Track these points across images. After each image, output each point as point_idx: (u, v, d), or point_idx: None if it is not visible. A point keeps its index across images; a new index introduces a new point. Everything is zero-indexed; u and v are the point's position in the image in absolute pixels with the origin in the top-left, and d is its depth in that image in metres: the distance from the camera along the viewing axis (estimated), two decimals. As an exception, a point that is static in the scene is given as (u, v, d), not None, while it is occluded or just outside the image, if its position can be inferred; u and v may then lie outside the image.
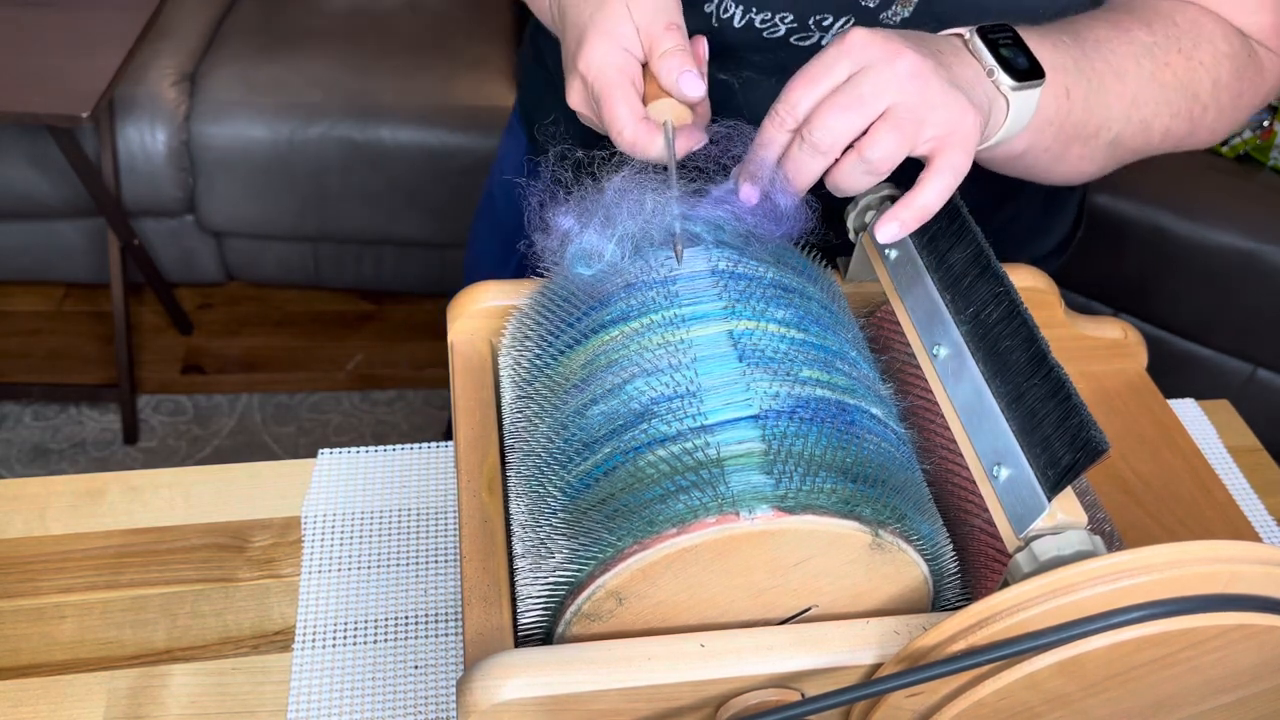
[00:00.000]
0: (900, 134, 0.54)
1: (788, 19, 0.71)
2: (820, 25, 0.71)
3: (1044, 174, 0.70)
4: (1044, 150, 0.66)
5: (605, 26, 0.61)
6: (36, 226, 2.10)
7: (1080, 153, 0.68)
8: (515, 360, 0.61)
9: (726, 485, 0.48)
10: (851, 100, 0.55)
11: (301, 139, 2.02)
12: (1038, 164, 0.68)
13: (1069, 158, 0.68)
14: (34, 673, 0.66)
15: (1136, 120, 0.68)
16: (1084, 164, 0.70)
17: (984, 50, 0.60)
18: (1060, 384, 0.49)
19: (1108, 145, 0.69)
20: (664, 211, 0.58)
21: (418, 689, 0.66)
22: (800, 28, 0.72)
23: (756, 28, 0.72)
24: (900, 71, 0.55)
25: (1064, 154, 0.68)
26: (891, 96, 0.54)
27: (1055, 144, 0.66)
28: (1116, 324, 0.75)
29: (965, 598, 0.55)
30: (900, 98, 0.55)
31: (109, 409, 2.07)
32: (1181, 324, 1.85)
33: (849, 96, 0.55)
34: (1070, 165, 0.69)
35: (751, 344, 0.54)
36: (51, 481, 0.77)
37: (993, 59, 0.59)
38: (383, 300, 2.32)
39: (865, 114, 0.55)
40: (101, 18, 1.82)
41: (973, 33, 0.60)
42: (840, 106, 0.55)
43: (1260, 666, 0.47)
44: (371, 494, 0.77)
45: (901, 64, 0.55)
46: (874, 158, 0.55)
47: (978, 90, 0.58)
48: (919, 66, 0.55)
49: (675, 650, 0.48)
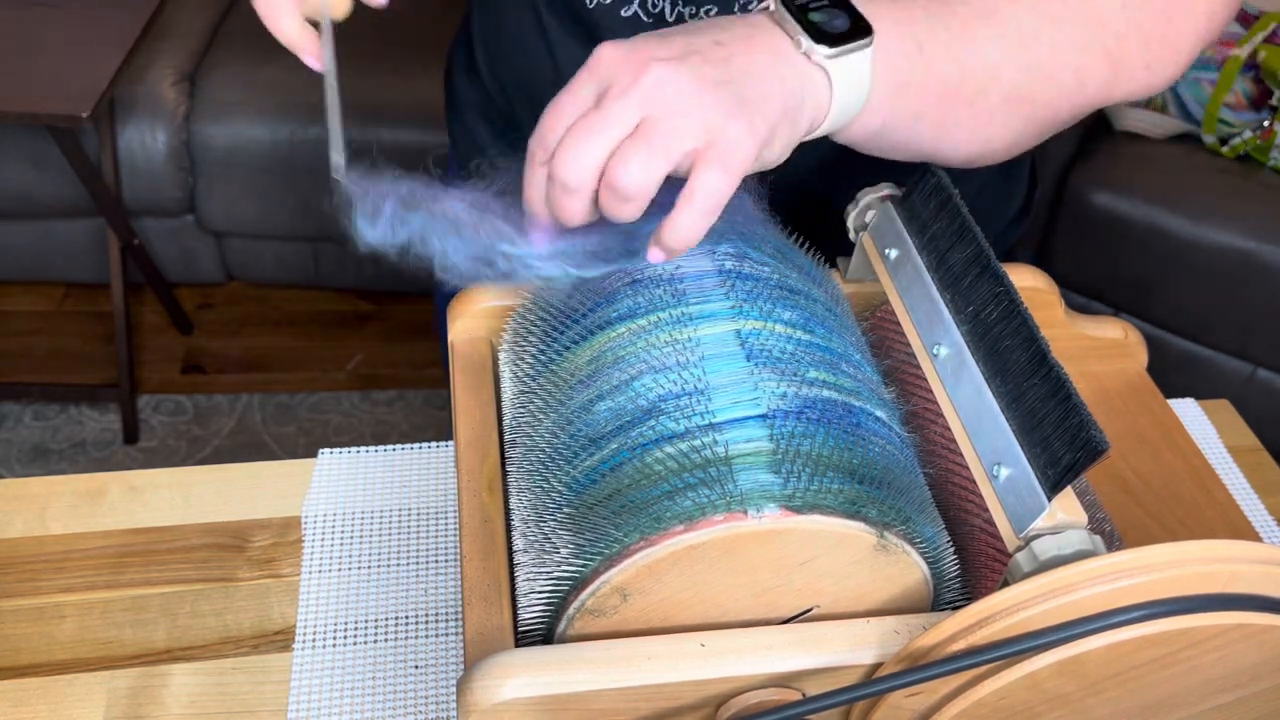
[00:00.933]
0: (649, 150, 0.48)
1: (713, 11, 0.67)
2: (745, 10, 0.66)
3: (934, 150, 0.60)
4: (915, 119, 0.57)
5: None
6: (36, 226, 2.10)
7: (971, 116, 0.58)
8: (517, 356, 0.61)
9: (735, 483, 0.48)
10: (592, 125, 0.48)
11: (301, 139, 2.02)
12: (916, 138, 0.58)
13: (958, 125, 0.58)
14: (34, 673, 0.66)
15: (1030, 65, 0.57)
16: (986, 129, 0.59)
17: (788, 18, 0.52)
18: (1060, 384, 0.49)
19: (1006, 102, 0.58)
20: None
21: (418, 689, 0.66)
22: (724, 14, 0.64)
23: (686, 21, 0.68)
24: (647, 82, 0.48)
25: (946, 121, 0.58)
26: (639, 110, 0.48)
27: (927, 109, 0.57)
28: (1116, 324, 0.75)
29: (965, 597, 0.55)
30: (647, 110, 0.48)
31: (109, 409, 2.07)
32: (1181, 324, 1.85)
33: (590, 122, 0.48)
34: (966, 134, 0.59)
35: (759, 344, 0.54)
36: (51, 481, 0.77)
37: (798, 26, 0.51)
38: (383, 300, 2.32)
39: (609, 137, 0.48)
40: (101, 18, 1.82)
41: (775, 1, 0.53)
42: (580, 133, 0.48)
43: (1260, 666, 0.47)
44: (371, 494, 0.77)
45: (649, 75, 0.48)
46: (621, 183, 0.48)
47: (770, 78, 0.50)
48: (668, 73, 0.48)
49: (675, 650, 0.48)
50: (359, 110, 2.16)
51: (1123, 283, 1.89)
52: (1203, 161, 1.88)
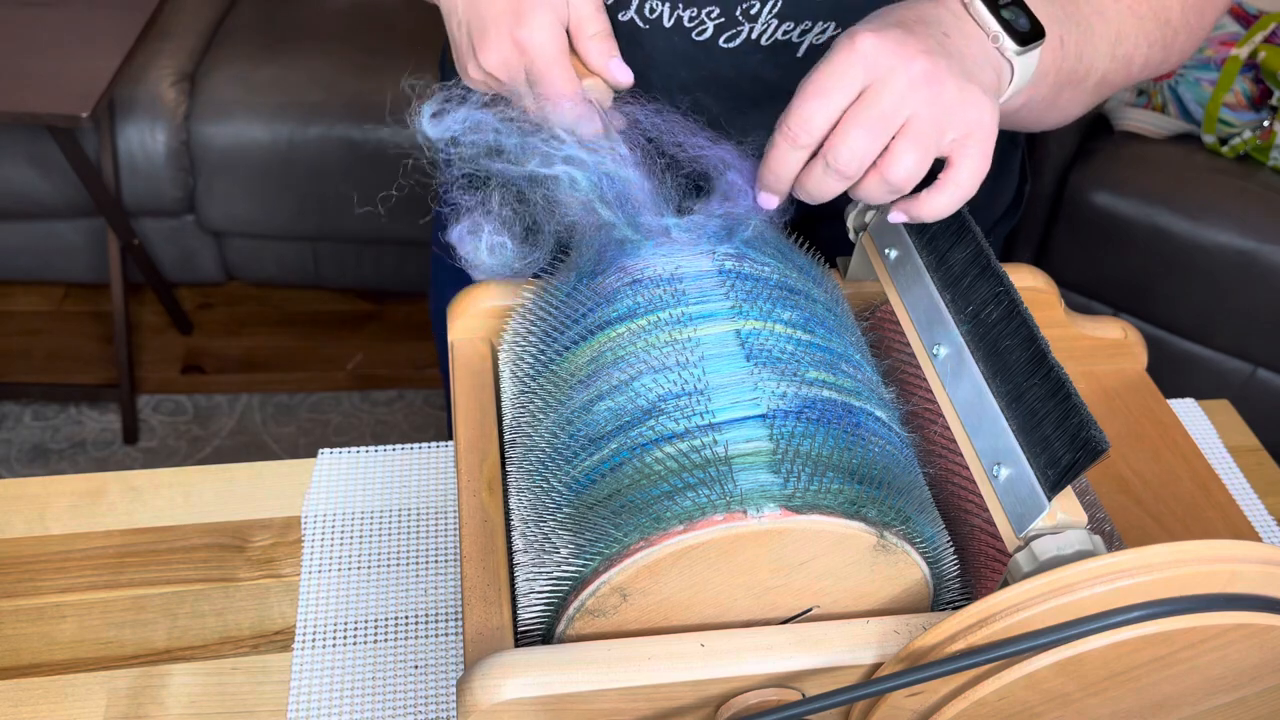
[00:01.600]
0: (921, 149, 0.54)
1: (714, 14, 0.69)
2: (748, 14, 0.69)
3: (1034, 123, 0.69)
4: (1040, 101, 0.65)
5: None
6: (36, 226, 2.10)
7: (1070, 97, 0.67)
8: (518, 356, 0.61)
9: (734, 483, 0.48)
10: (872, 120, 0.53)
11: (301, 139, 2.02)
12: (1031, 116, 0.67)
13: (1060, 104, 0.67)
14: (34, 673, 0.66)
15: (1120, 57, 0.67)
16: (1072, 108, 0.69)
17: (987, 16, 0.58)
18: (1060, 384, 0.49)
19: (1095, 86, 0.67)
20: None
21: (418, 689, 0.66)
22: (728, 22, 0.69)
23: (685, 27, 0.70)
24: (916, 78, 0.53)
25: (1055, 101, 0.66)
26: (910, 108, 0.53)
27: (1050, 94, 0.65)
28: (1116, 324, 0.75)
29: (965, 597, 0.55)
30: (917, 108, 0.53)
31: (109, 409, 2.07)
32: (1181, 324, 1.85)
33: (868, 116, 0.54)
34: (1060, 111, 0.68)
35: (759, 344, 0.54)
36: (51, 481, 0.77)
37: (996, 24, 0.57)
38: (383, 300, 2.32)
39: (885, 132, 0.54)
40: (101, 18, 1.82)
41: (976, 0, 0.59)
42: (860, 127, 0.54)
43: (1260, 666, 0.47)
44: (371, 494, 0.77)
45: (916, 68, 0.53)
46: (896, 178, 0.54)
47: (986, 66, 0.57)
48: (933, 69, 0.53)
49: (675, 650, 0.48)
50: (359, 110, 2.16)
51: (1123, 283, 1.89)
52: (1203, 161, 1.88)
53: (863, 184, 0.56)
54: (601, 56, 0.62)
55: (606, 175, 0.58)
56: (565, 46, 0.62)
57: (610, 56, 0.62)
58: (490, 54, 0.62)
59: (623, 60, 0.62)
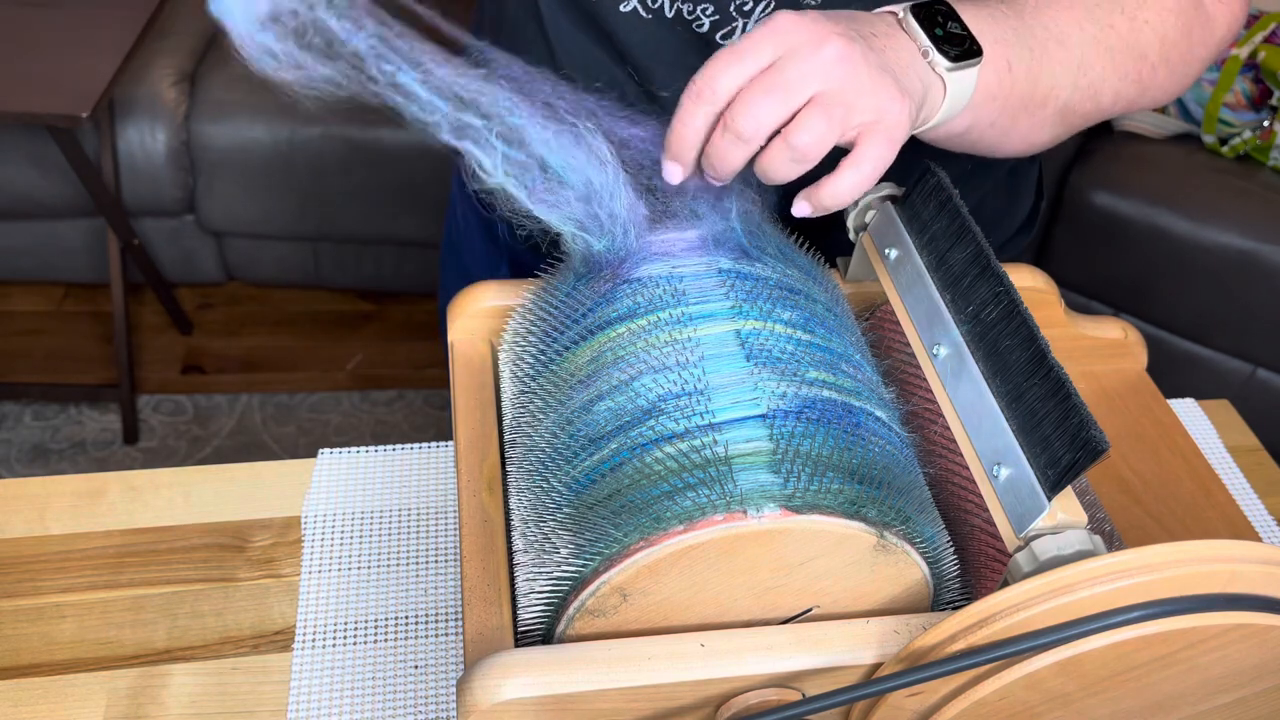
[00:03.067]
0: (828, 119, 0.53)
1: (709, 10, 0.69)
2: (741, 10, 0.69)
3: (992, 148, 0.68)
4: (989, 126, 0.65)
5: None
6: (36, 226, 2.10)
7: (1029, 124, 0.67)
8: (518, 356, 0.61)
9: (734, 483, 0.48)
10: (775, 84, 0.52)
11: (301, 139, 2.02)
12: (984, 139, 0.66)
13: (1017, 130, 0.67)
14: (34, 673, 0.66)
15: (1084, 86, 0.66)
16: (1034, 135, 0.68)
17: (918, 30, 0.58)
18: (1060, 384, 0.49)
19: (1056, 114, 0.67)
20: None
21: (418, 689, 0.66)
22: (723, 18, 0.70)
23: (686, 19, 0.70)
24: (827, 57, 0.53)
25: (1011, 128, 0.66)
26: (818, 83, 0.53)
27: (1001, 118, 0.64)
28: (1116, 324, 0.75)
29: (965, 597, 0.55)
30: (827, 84, 0.53)
31: (109, 409, 2.07)
32: (1181, 324, 1.85)
33: (773, 79, 0.53)
34: (1020, 137, 0.68)
35: (759, 344, 0.54)
36: (51, 481, 0.77)
37: (927, 39, 0.57)
38: (383, 300, 2.32)
39: (791, 101, 0.53)
40: (101, 18, 1.82)
41: (906, 11, 0.59)
42: (764, 90, 0.53)
43: (1260, 666, 0.47)
44: (371, 494, 0.77)
45: (829, 49, 0.53)
46: (800, 144, 0.53)
47: (911, 74, 0.57)
48: (847, 51, 0.53)
49: (675, 650, 0.48)
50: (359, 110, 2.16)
51: (1123, 283, 1.89)
52: (1203, 161, 1.88)
53: (766, 152, 0.54)
54: None
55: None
56: None
57: None
58: None
59: None
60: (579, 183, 0.57)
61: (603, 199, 0.57)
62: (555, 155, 0.57)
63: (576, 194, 0.57)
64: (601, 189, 0.57)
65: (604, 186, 0.57)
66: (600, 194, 0.57)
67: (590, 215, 0.57)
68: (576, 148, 0.57)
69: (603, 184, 0.57)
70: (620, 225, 0.57)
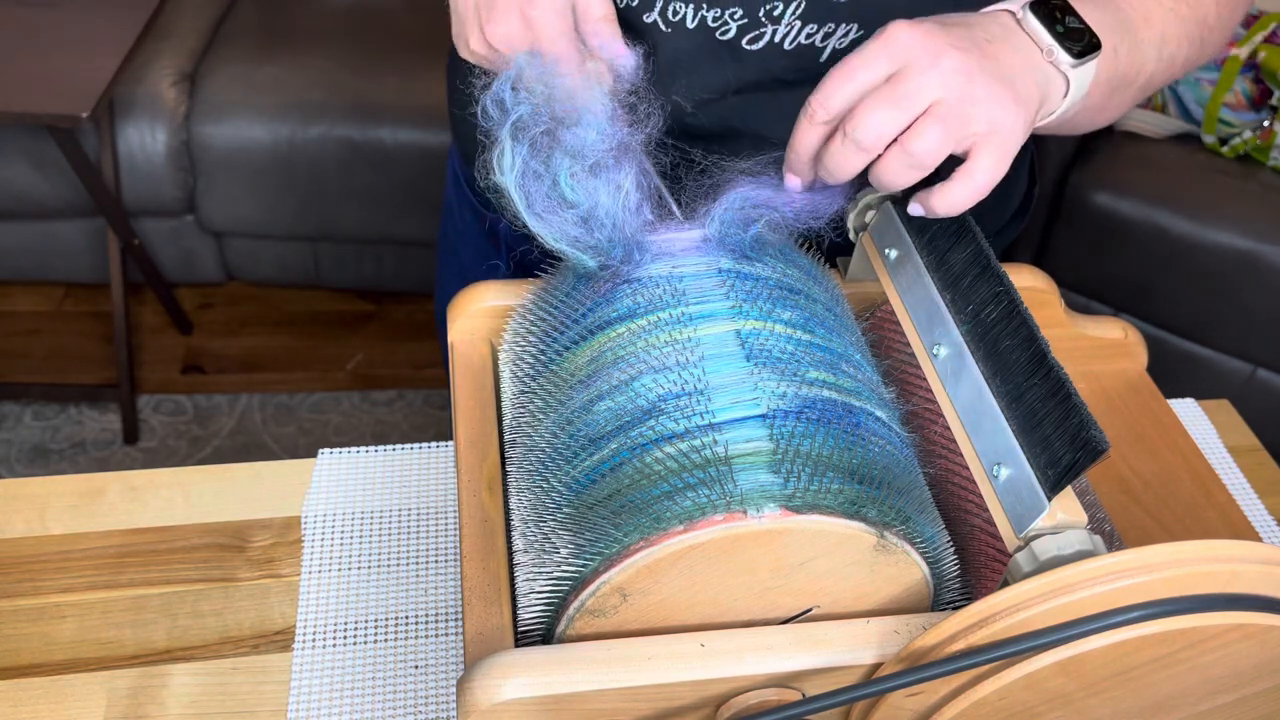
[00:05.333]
0: (945, 128, 0.54)
1: (737, 14, 0.70)
2: (771, 15, 0.69)
3: (1085, 126, 0.70)
4: (1092, 108, 0.66)
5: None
6: (36, 226, 2.10)
7: (1119, 100, 0.68)
8: (518, 356, 0.61)
9: (734, 483, 0.48)
10: (895, 97, 0.54)
11: (301, 139, 2.02)
12: (1081, 121, 0.68)
13: (1109, 108, 0.68)
14: (34, 673, 0.66)
15: (1165, 58, 0.68)
16: (1119, 109, 0.69)
17: (1040, 29, 0.58)
18: (1060, 384, 0.49)
19: (1141, 87, 0.68)
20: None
21: (418, 689, 0.66)
22: (751, 23, 0.70)
23: (709, 26, 0.70)
24: (944, 68, 0.54)
25: (1105, 106, 0.67)
26: (935, 93, 0.54)
27: (1101, 99, 0.65)
28: (1116, 324, 0.75)
29: (965, 597, 0.55)
30: (944, 93, 0.54)
31: (109, 409, 2.07)
32: (1181, 324, 1.85)
33: (893, 92, 0.54)
34: (1108, 113, 0.69)
35: (759, 344, 0.54)
36: (51, 481, 0.77)
37: (1050, 37, 0.58)
38: (383, 300, 2.32)
39: (909, 110, 0.54)
40: (101, 18, 1.82)
41: (1025, 10, 0.58)
42: (883, 102, 0.54)
43: (1260, 666, 0.47)
44: (371, 494, 0.77)
45: (946, 62, 0.54)
46: (918, 150, 0.54)
47: (1030, 77, 0.57)
48: (963, 63, 0.54)
49: (675, 650, 0.48)
50: (359, 110, 2.16)
51: (1123, 283, 1.89)
52: (1203, 161, 1.88)
53: (883, 159, 0.55)
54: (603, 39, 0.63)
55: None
56: (571, 26, 0.63)
57: (614, 39, 0.63)
58: (498, 26, 0.63)
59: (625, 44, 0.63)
60: (586, 205, 0.58)
61: (605, 226, 0.57)
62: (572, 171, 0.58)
63: (579, 214, 0.58)
64: (606, 216, 0.58)
65: (609, 214, 0.58)
66: (604, 221, 0.58)
67: (588, 238, 0.58)
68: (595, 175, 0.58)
69: (609, 211, 0.58)
70: (619, 248, 0.58)
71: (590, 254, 0.58)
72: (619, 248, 0.57)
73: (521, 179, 0.58)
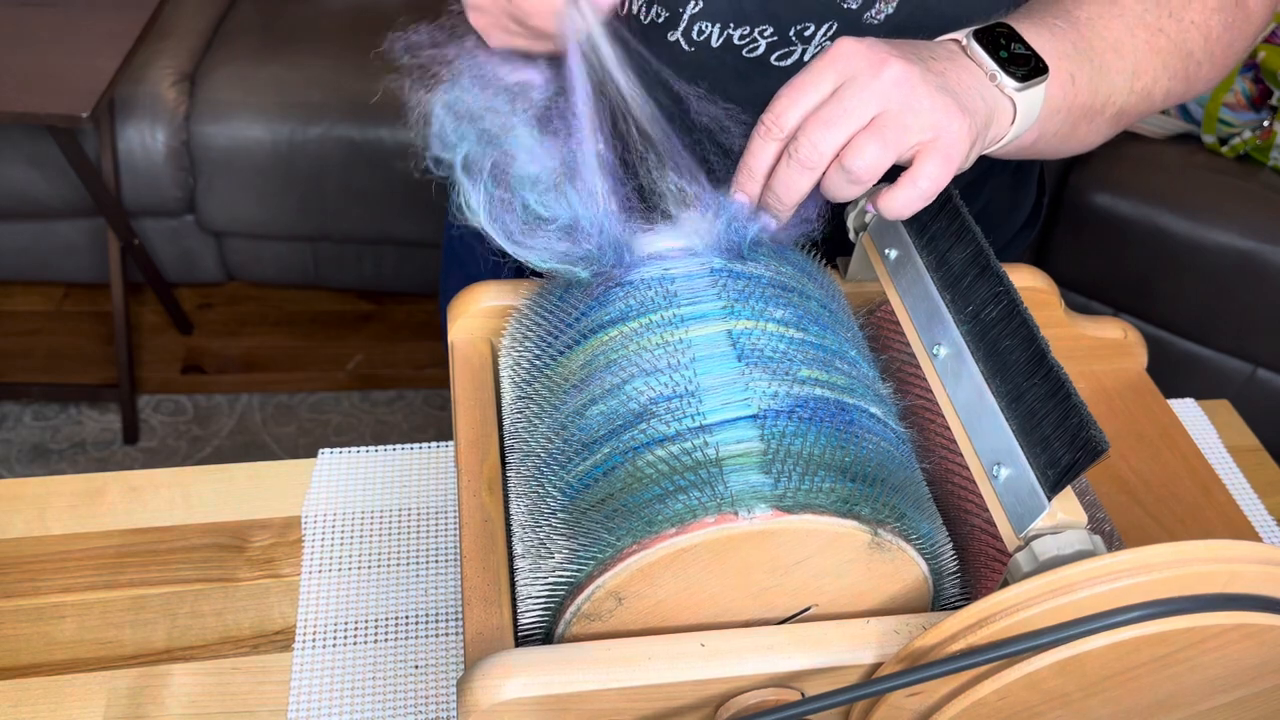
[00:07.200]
0: (883, 142, 0.54)
1: (767, 32, 0.70)
2: (802, 36, 0.70)
3: (1052, 154, 0.70)
4: (1053, 136, 0.66)
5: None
6: (36, 226, 2.10)
7: (1087, 129, 0.68)
8: (515, 360, 0.61)
9: (725, 485, 0.48)
10: (836, 114, 0.54)
11: (301, 139, 2.02)
12: (1047, 149, 0.68)
13: (1076, 136, 0.68)
14: (34, 673, 0.66)
15: (1139, 90, 0.68)
16: (1090, 138, 0.70)
17: (983, 55, 0.59)
18: (1060, 384, 0.49)
19: (1113, 118, 0.68)
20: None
21: (418, 689, 0.66)
22: (781, 41, 0.70)
23: (735, 45, 0.71)
24: (886, 80, 0.54)
25: (1071, 135, 0.67)
26: (876, 106, 0.54)
27: (1064, 128, 0.66)
28: (1116, 324, 0.75)
29: (965, 597, 0.55)
30: (885, 105, 0.54)
31: (109, 409, 2.07)
32: (1181, 324, 1.85)
33: (833, 110, 0.55)
34: (1077, 142, 0.69)
35: (750, 344, 0.54)
36: (51, 481, 0.77)
37: (993, 63, 0.59)
38: (383, 300, 2.32)
39: (850, 126, 0.54)
40: (101, 18, 1.82)
41: (969, 37, 0.60)
42: (824, 122, 0.55)
43: (1260, 666, 0.47)
44: (371, 494, 0.77)
45: (887, 72, 0.54)
46: (854, 168, 0.55)
47: (975, 94, 0.58)
48: (905, 73, 0.55)
49: (675, 650, 0.48)
50: (359, 110, 2.16)
51: (1123, 283, 1.89)
52: (1203, 161, 1.88)
53: (826, 176, 0.56)
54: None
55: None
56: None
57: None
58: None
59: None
60: (565, 216, 0.57)
61: (591, 235, 0.57)
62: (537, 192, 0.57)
63: (560, 226, 0.57)
64: (590, 225, 0.57)
65: (592, 222, 0.57)
66: (589, 231, 0.57)
67: (576, 250, 0.57)
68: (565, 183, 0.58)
69: (591, 219, 0.57)
70: (609, 252, 0.57)
71: (582, 265, 0.58)
72: (609, 252, 0.57)
73: (491, 215, 0.58)
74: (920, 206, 0.57)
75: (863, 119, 0.54)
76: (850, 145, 0.55)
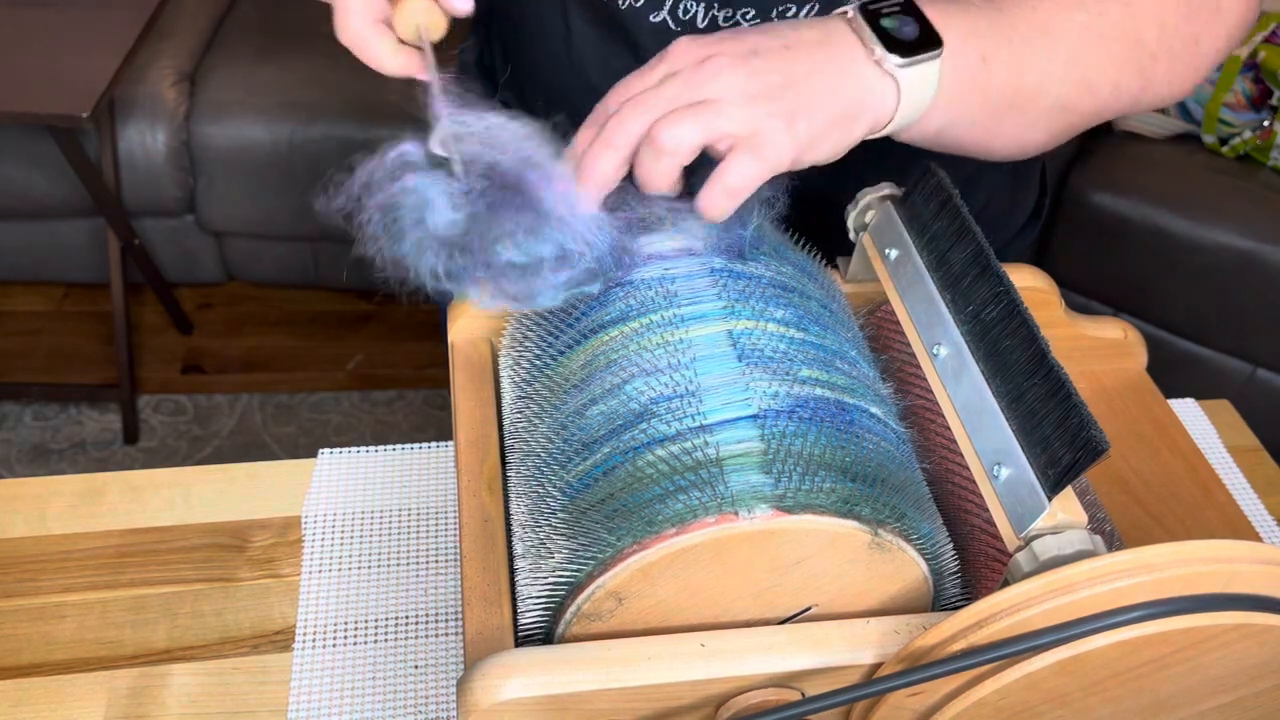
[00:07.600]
0: (695, 120, 0.52)
1: (749, 14, 0.69)
2: (783, 16, 0.68)
3: (982, 149, 0.65)
4: (970, 125, 0.61)
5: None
6: (36, 226, 2.10)
7: (1020, 122, 0.63)
8: (515, 361, 0.61)
9: (725, 485, 0.48)
10: (651, 99, 0.54)
11: (301, 139, 2.02)
12: (969, 139, 0.63)
13: (1005, 130, 0.63)
14: (34, 673, 0.66)
15: (1076, 79, 0.62)
16: (1029, 134, 0.64)
17: (864, 26, 0.55)
18: (1060, 383, 0.49)
19: (1050, 111, 0.63)
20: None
21: (418, 689, 0.66)
22: (763, 22, 0.69)
23: (720, 26, 0.70)
24: (707, 73, 0.53)
25: (996, 127, 0.62)
26: (689, 96, 0.53)
27: (983, 116, 0.61)
28: (1116, 324, 0.75)
29: (965, 597, 0.55)
30: (700, 96, 0.53)
31: (109, 409, 2.07)
32: (1181, 324, 1.85)
33: (649, 95, 0.54)
34: (1010, 138, 0.64)
35: (751, 343, 0.54)
36: (51, 481, 0.77)
37: (874, 36, 0.55)
38: (383, 300, 2.32)
39: (662, 110, 0.53)
40: (101, 18, 1.82)
41: (855, 9, 0.56)
42: (637, 104, 0.54)
43: (1260, 666, 0.47)
44: (371, 494, 0.77)
45: (710, 66, 0.54)
46: (661, 140, 0.53)
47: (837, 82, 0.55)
48: (726, 67, 0.53)
49: (675, 650, 0.48)
50: (359, 110, 2.16)
51: (1123, 283, 1.89)
52: (1203, 161, 1.88)
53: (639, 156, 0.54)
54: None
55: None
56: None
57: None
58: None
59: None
60: (548, 249, 0.55)
61: (585, 255, 0.56)
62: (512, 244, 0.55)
63: (550, 255, 0.55)
64: (574, 242, 0.56)
65: (575, 241, 0.56)
66: (576, 256, 0.56)
67: (577, 274, 0.56)
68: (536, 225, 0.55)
69: (573, 241, 0.56)
70: (608, 260, 0.56)
71: (589, 281, 0.56)
72: (608, 259, 0.57)
73: (486, 287, 0.56)
74: (733, 205, 0.54)
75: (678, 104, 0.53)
76: (660, 120, 0.53)
